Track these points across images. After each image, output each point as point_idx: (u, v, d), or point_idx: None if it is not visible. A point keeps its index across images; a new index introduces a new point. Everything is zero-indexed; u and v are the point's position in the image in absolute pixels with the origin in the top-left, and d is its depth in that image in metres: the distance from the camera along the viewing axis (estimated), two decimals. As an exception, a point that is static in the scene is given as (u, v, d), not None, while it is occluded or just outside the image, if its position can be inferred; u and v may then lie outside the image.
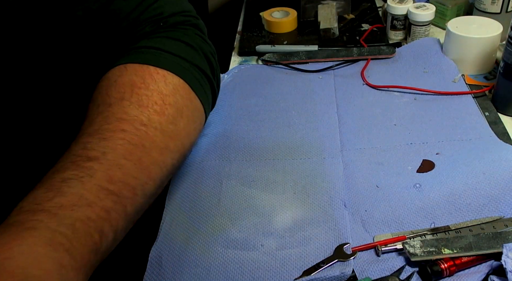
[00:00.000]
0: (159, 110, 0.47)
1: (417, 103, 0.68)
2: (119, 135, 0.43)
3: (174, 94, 0.49)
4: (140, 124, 0.45)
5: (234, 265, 0.47)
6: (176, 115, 0.48)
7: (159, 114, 0.47)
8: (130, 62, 0.49)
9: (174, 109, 0.48)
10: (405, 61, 0.78)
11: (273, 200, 0.54)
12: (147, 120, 0.45)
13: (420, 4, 0.80)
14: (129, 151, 0.42)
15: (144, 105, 0.46)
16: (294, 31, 0.91)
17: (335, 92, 0.72)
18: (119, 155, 0.41)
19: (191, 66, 0.52)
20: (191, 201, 0.55)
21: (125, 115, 0.44)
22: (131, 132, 0.43)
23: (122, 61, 0.50)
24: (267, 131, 0.65)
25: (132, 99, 0.46)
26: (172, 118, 0.48)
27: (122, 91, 0.46)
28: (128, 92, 0.46)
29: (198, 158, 0.61)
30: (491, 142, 0.59)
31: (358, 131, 0.64)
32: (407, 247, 0.46)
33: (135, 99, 0.46)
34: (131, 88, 0.47)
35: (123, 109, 0.45)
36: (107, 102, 0.46)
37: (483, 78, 0.73)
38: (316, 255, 0.48)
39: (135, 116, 0.45)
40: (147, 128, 0.45)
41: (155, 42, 0.52)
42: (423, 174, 0.56)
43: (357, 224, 0.51)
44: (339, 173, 0.57)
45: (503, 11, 0.78)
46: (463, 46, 0.72)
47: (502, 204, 0.50)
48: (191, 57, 0.53)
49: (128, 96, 0.46)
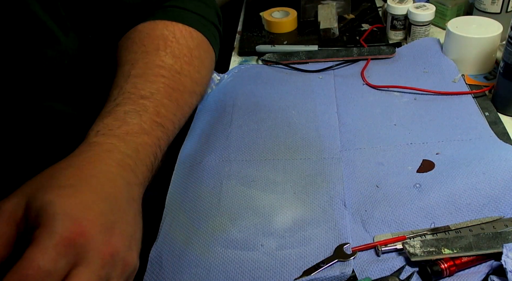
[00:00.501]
0: (188, 61, 0.57)
1: (417, 103, 0.68)
2: (161, 79, 0.52)
3: (198, 48, 0.59)
4: (175, 72, 0.55)
5: (234, 265, 0.47)
6: (200, 65, 0.59)
7: (188, 64, 0.57)
8: (159, 18, 0.58)
9: (199, 61, 0.59)
10: (405, 61, 0.78)
11: (273, 200, 0.54)
12: (180, 69, 0.55)
13: (420, 4, 0.80)
14: (169, 93, 0.52)
15: (176, 56, 0.56)
16: (294, 31, 0.91)
17: (335, 92, 0.72)
18: (163, 95, 0.52)
19: (208, 23, 0.62)
20: (191, 201, 0.55)
21: (162, 63, 0.54)
22: (169, 78, 0.53)
23: (151, 18, 0.58)
24: (267, 131, 0.65)
25: (166, 50, 0.55)
26: (198, 68, 0.58)
27: (157, 43, 0.55)
28: (162, 44, 0.55)
29: (198, 158, 0.61)
30: (491, 142, 0.59)
31: (358, 131, 0.64)
32: (407, 247, 0.46)
33: (169, 50, 0.56)
34: (164, 41, 0.56)
35: (160, 58, 0.54)
36: (144, 50, 0.54)
37: (483, 78, 0.73)
38: (316, 255, 0.48)
39: (171, 64, 0.55)
40: (180, 75, 0.55)
41: (179, 2, 0.61)
42: (423, 174, 0.56)
43: (357, 224, 0.51)
44: (339, 173, 0.57)
45: (503, 11, 0.78)
46: (463, 46, 0.72)
47: (502, 204, 0.51)
48: (208, 15, 0.63)
49: (163, 47, 0.55)
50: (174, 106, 0.53)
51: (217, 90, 0.75)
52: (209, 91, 0.75)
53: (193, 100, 0.58)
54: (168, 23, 0.58)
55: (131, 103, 0.48)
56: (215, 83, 0.76)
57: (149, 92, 0.50)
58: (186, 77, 0.56)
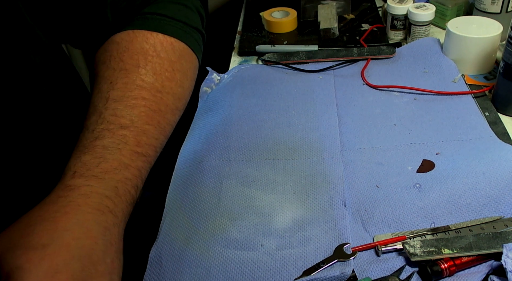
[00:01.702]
0: (169, 77, 0.54)
1: (417, 103, 0.68)
2: (141, 102, 0.50)
3: (180, 60, 0.56)
4: (156, 91, 0.52)
5: (234, 265, 0.47)
6: (183, 79, 0.56)
7: (170, 80, 0.54)
8: (138, 28, 0.54)
9: (181, 74, 0.56)
10: (405, 61, 0.78)
11: (273, 200, 0.54)
12: (161, 87, 0.53)
13: (420, 4, 0.80)
14: (150, 117, 0.50)
15: (157, 73, 0.53)
16: (294, 31, 0.91)
17: (335, 92, 0.72)
18: (144, 121, 0.49)
19: (191, 29, 0.58)
20: (191, 201, 0.55)
21: (142, 82, 0.51)
22: (150, 99, 0.51)
23: (129, 27, 0.55)
24: (267, 131, 0.65)
25: (147, 67, 0.52)
26: (180, 82, 0.55)
27: (136, 58, 0.52)
28: (142, 60, 0.52)
29: (198, 158, 0.61)
30: (491, 142, 0.59)
31: (358, 131, 0.64)
32: (407, 247, 0.46)
33: (150, 67, 0.52)
34: (145, 56, 0.53)
35: (140, 76, 0.51)
36: (123, 68, 0.52)
37: (483, 78, 0.73)
38: (316, 255, 0.48)
39: (151, 83, 0.52)
40: (161, 94, 0.52)
41: (159, 8, 0.57)
42: (423, 174, 0.56)
43: (357, 224, 0.51)
44: (339, 173, 0.57)
45: (503, 11, 0.78)
46: (463, 46, 0.72)
47: (502, 204, 0.50)
48: (191, 20, 0.59)
49: (143, 64, 0.52)
50: (155, 130, 0.51)
51: (217, 90, 0.75)
52: (209, 91, 0.75)
53: (175, 117, 0.55)
54: (148, 35, 0.54)
55: (110, 135, 0.46)
56: (215, 83, 0.76)
57: (129, 120, 0.48)
58: (168, 95, 0.53)
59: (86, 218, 0.39)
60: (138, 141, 0.48)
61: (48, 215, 0.39)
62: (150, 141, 0.49)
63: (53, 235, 0.37)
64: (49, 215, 0.39)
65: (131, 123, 0.48)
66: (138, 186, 0.47)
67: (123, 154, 0.46)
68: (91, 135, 0.47)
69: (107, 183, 0.43)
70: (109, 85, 0.50)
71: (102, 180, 0.43)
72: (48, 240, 0.36)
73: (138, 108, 0.50)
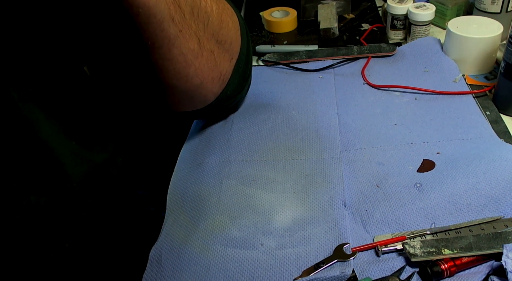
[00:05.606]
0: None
1: (418, 103, 0.68)
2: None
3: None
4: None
5: (234, 264, 0.47)
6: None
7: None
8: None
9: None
10: (405, 60, 0.78)
11: (273, 200, 0.54)
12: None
13: (420, 4, 0.80)
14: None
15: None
16: (294, 31, 0.91)
17: (335, 92, 0.72)
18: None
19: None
20: (191, 200, 0.55)
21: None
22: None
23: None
24: (267, 132, 0.65)
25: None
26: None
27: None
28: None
29: (198, 159, 0.61)
30: (491, 142, 0.59)
31: (358, 131, 0.64)
32: (407, 247, 0.46)
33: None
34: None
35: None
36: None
37: (484, 78, 0.73)
38: (316, 254, 0.48)
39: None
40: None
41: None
42: (424, 173, 0.56)
43: (357, 224, 0.51)
44: (339, 173, 0.57)
45: (503, 11, 0.78)
46: (463, 46, 0.72)
47: (502, 204, 0.50)
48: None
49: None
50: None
51: (217, 89, 0.74)
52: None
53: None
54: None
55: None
56: (215, 82, 0.76)
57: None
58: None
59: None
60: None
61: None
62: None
63: None
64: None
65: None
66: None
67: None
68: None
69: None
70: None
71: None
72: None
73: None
